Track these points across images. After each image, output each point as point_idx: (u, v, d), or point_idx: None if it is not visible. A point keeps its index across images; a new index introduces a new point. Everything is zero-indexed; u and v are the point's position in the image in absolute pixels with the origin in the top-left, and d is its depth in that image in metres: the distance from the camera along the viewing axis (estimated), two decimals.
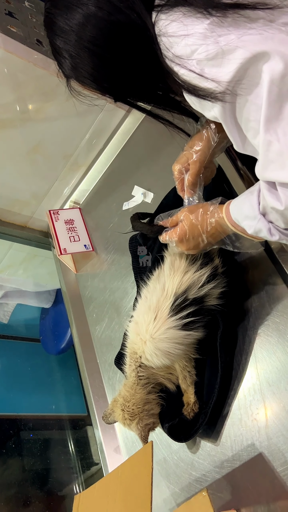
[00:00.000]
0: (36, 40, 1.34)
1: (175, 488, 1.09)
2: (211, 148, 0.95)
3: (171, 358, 1.00)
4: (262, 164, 0.68)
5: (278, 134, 0.63)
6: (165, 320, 0.97)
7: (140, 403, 1.04)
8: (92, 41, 0.74)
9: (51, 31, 0.79)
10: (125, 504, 0.90)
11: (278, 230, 0.76)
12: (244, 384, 1.01)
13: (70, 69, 0.81)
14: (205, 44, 0.65)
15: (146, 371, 1.04)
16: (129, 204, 1.55)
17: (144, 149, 1.60)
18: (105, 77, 0.80)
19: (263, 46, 0.62)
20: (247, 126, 0.68)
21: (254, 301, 1.05)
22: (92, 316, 1.57)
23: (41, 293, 2.53)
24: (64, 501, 2.22)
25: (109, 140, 1.72)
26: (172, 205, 1.30)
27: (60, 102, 1.48)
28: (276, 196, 0.70)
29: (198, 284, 0.99)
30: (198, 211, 0.92)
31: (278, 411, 0.93)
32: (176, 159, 1.01)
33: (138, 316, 1.04)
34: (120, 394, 1.09)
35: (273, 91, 0.62)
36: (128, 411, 1.04)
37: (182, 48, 0.68)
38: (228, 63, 0.64)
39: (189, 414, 1.02)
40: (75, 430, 2.51)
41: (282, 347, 0.97)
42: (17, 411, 2.42)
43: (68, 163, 1.74)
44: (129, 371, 1.06)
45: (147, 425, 1.05)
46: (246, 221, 0.80)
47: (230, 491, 0.97)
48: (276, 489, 0.89)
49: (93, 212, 1.76)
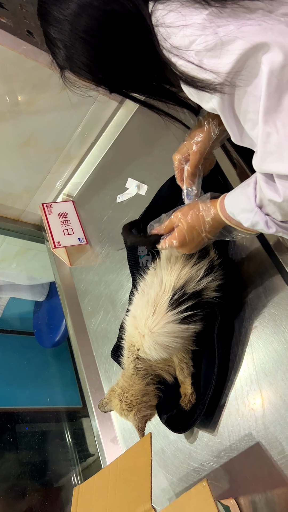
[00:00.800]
0: (26, 31, 1.32)
1: (173, 478, 1.10)
2: (211, 140, 0.95)
3: (169, 352, 1.01)
4: (260, 156, 0.68)
5: (277, 125, 0.63)
6: (164, 315, 0.98)
7: (139, 395, 1.05)
8: (87, 31, 0.73)
9: (45, 21, 0.78)
10: (125, 495, 0.90)
11: (275, 222, 0.76)
12: (241, 375, 1.02)
13: (64, 60, 0.79)
14: (204, 34, 0.64)
15: (144, 363, 1.05)
16: (123, 196, 1.55)
17: (138, 141, 1.60)
18: (100, 68, 0.78)
19: (263, 37, 0.61)
20: (245, 118, 0.68)
21: (250, 292, 1.05)
22: (88, 309, 1.57)
23: (34, 287, 2.52)
24: (61, 492, 2.24)
25: (102, 132, 1.71)
26: (167, 197, 1.30)
27: (52, 94, 1.46)
28: (274, 188, 0.70)
29: (196, 278, 0.99)
30: (192, 212, 0.92)
31: (275, 400, 0.94)
32: (177, 149, 1.01)
33: (136, 310, 1.04)
34: (118, 384, 1.09)
35: (272, 82, 0.61)
36: (126, 402, 1.05)
37: (180, 38, 0.67)
38: (227, 54, 0.63)
39: (186, 405, 1.03)
40: (71, 422, 2.52)
41: (278, 337, 0.98)
42: (13, 404, 2.42)
43: (61, 155, 1.73)
44: (127, 363, 1.07)
45: (144, 416, 1.06)
46: (243, 214, 0.80)
47: (228, 480, 0.98)
48: (274, 478, 0.90)
49: (86, 205, 1.75)
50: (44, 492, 2.15)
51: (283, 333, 0.97)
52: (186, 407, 1.03)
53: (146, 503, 0.83)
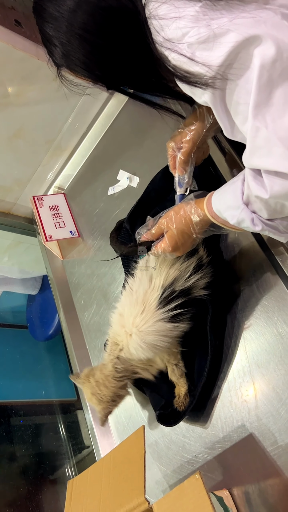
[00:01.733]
0: (14, 21, 1.29)
1: (167, 470, 1.10)
2: (204, 128, 0.94)
3: (156, 351, 1.00)
4: (249, 151, 0.67)
5: (267, 120, 0.62)
6: (154, 313, 0.97)
7: (110, 395, 1.05)
8: (83, 27, 0.72)
9: (40, 18, 0.77)
10: (119, 488, 0.91)
11: (261, 220, 0.75)
12: (233, 367, 1.02)
13: (61, 57, 0.79)
14: (197, 27, 0.63)
15: (124, 364, 1.04)
16: (114, 189, 1.53)
17: (128, 132, 1.58)
18: (97, 65, 0.77)
19: (256, 29, 0.61)
20: (236, 110, 0.67)
21: (243, 285, 1.05)
22: (80, 303, 1.56)
23: (27, 280, 2.50)
24: (56, 485, 2.24)
25: (92, 123, 1.69)
26: (159, 189, 1.30)
27: (41, 86, 1.44)
28: (261, 184, 0.69)
29: (185, 275, 0.99)
30: (179, 216, 0.91)
31: (267, 392, 0.95)
32: (171, 137, 1.00)
33: (123, 308, 1.03)
34: (94, 376, 1.07)
35: (263, 76, 0.60)
36: (96, 397, 1.06)
37: (173, 31, 0.66)
38: (219, 46, 0.62)
39: (180, 407, 1.03)
40: (65, 415, 2.53)
41: (271, 329, 0.98)
42: (7, 398, 2.42)
43: (51, 147, 1.71)
44: (107, 360, 1.06)
45: (109, 412, 1.07)
46: (229, 211, 0.80)
47: (221, 472, 0.99)
48: (267, 468, 0.91)
49: (78, 198, 1.74)
50: (39, 484, 2.16)
51: (275, 324, 0.97)
52: (179, 408, 1.03)
53: (140, 496, 0.83)
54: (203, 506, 0.71)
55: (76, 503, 1.00)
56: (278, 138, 0.62)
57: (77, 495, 1.02)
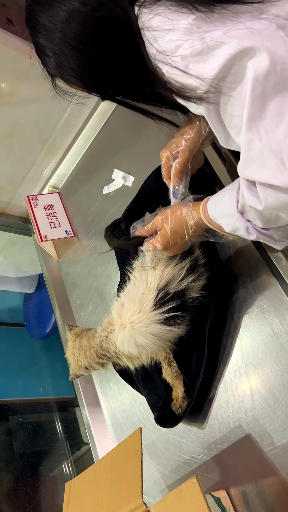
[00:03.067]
0: (6, 19, 1.28)
1: (165, 470, 1.11)
2: (201, 137, 0.93)
3: (141, 351, 1.00)
4: (243, 163, 0.67)
5: (260, 132, 0.62)
6: (149, 313, 0.97)
7: (85, 364, 1.07)
8: (76, 38, 0.71)
9: (33, 29, 0.76)
10: (116, 491, 0.91)
11: (255, 229, 0.75)
12: (230, 367, 1.02)
13: (54, 68, 0.78)
14: (191, 39, 0.63)
15: (110, 345, 1.04)
16: (109, 188, 1.52)
17: (123, 131, 1.57)
18: (91, 75, 0.77)
19: (250, 41, 0.60)
20: (230, 123, 0.67)
21: (239, 285, 1.05)
22: (76, 303, 1.56)
23: (23, 279, 2.50)
24: (56, 482, 2.25)
25: (87, 122, 1.67)
26: (154, 189, 1.29)
27: (34, 85, 1.43)
28: (255, 195, 0.69)
29: (178, 278, 0.99)
30: (175, 216, 0.91)
31: (264, 392, 0.95)
32: (165, 146, 0.99)
33: (124, 299, 1.03)
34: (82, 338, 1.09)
35: (256, 89, 0.60)
36: (74, 357, 1.09)
37: (167, 43, 0.65)
38: (213, 59, 0.62)
39: (177, 410, 1.03)
40: (64, 412, 2.53)
41: (267, 329, 0.98)
42: (4, 396, 2.42)
43: (45, 146, 1.70)
44: (99, 334, 1.06)
45: (80, 374, 1.11)
46: (224, 219, 0.79)
47: (219, 472, 0.99)
48: (264, 469, 0.91)
49: (72, 197, 1.73)
50: (37, 482, 2.16)
51: (271, 325, 0.97)
52: (176, 412, 1.03)
53: (137, 499, 0.83)
54: (200, 510, 0.71)
55: (74, 505, 1.00)
56: (271, 151, 0.62)
57: (75, 497, 1.02)
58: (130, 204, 1.32)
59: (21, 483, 2.08)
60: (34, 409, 2.51)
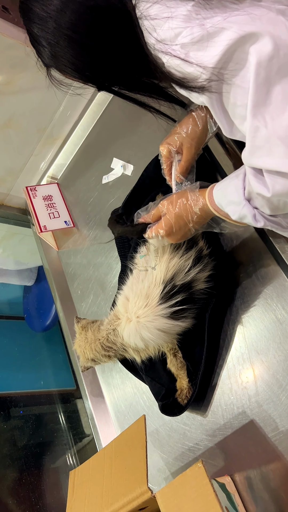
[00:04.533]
0: (1, 6, 1.26)
1: (169, 458, 1.11)
2: (208, 135, 0.93)
3: (147, 344, 1.01)
4: (248, 150, 0.66)
5: (266, 119, 0.61)
6: (155, 308, 0.96)
7: (91, 355, 1.08)
8: (71, 27, 0.70)
9: (27, 19, 0.75)
10: (121, 478, 0.91)
11: (263, 216, 0.74)
12: (233, 354, 1.02)
13: (49, 58, 0.77)
14: (190, 27, 0.62)
15: (117, 338, 1.04)
16: (108, 177, 1.51)
17: (121, 119, 1.56)
18: (87, 65, 0.76)
19: (251, 26, 0.59)
20: (234, 112, 0.66)
21: (241, 272, 1.05)
22: (77, 293, 1.55)
23: (22, 271, 2.49)
24: (58, 474, 2.26)
25: (85, 111, 1.66)
26: (153, 177, 1.28)
27: (31, 73, 1.40)
28: (262, 183, 0.68)
29: (185, 269, 0.98)
30: (180, 201, 0.89)
31: (267, 378, 0.95)
32: (166, 139, 0.97)
33: (129, 293, 1.03)
34: (88, 331, 1.10)
35: (260, 74, 0.59)
36: (81, 350, 1.09)
37: (166, 31, 0.65)
38: (214, 46, 0.61)
39: (183, 401, 1.02)
40: (65, 404, 2.54)
41: (269, 315, 0.97)
42: (6, 389, 2.42)
43: (43, 136, 1.68)
44: (105, 327, 1.06)
45: (90, 367, 1.14)
46: (231, 206, 0.78)
47: (223, 458, 0.99)
48: (268, 454, 0.91)
49: (71, 187, 1.71)
50: (41, 474, 2.17)
51: (274, 311, 0.97)
52: (182, 402, 1.02)
53: (143, 485, 0.83)
54: (206, 494, 0.71)
55: (79, 493, 1.00)
56: (278, 137, 0.61)
57: (79, 485, 1.03)
58: (130, 193, 1.31)
59: (25, 473, 2.09)
60: (36, 402, 2.51)
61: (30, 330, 2.58)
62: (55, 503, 1.92)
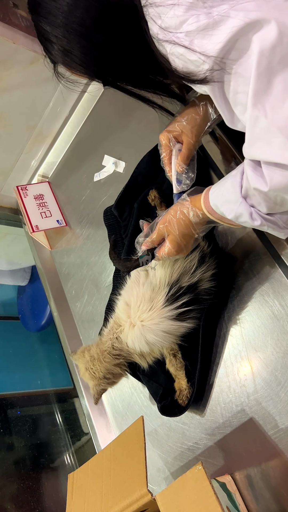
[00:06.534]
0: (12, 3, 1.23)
1: (168, 457, 1.10)
2: (208, 122, 0.91)
3: (152, 347, 0.99)
4: (248, 141, 0.65)
5: (266, 109, 0.60)
6: (160, 310, 0.95)
7: (103, 371, 1.04)
8: (79, 22, 0.71)
9: (36, 14, 0.75)
10: (121, 480, 0.90)
11: (260, 215, 0.73)
12: (230, 351, 1.01)
13: (57, 54, 0.77)
14: (196, 14, 0.62)
15: (121, 344, 1.02)
16: (100, 175, 1.49)
17: (112, 115, 1.53)
18: (95, 61, 0.76)
19: (257, 13, 0.59)
20: (235, 100, 0.65)
21: (237, 269, 1.03)
22: (71, 293, 1.53)
23: (15, 271, 2.47)
24: (56, 474, 2.25)
25: (74, 107, 1.63)
26: (146, 173, 1.26)
27: (19, 70, 1.38)
28: (260, 176, 0.67)
29: (190, 270, 0.97)
30: (177, 219, 0.87)
31: (266, 375, 0.94)
32: (166, 128, 0.95)
33: (129, 298, 1.01)
34: (89, 351, 1.07)
35: (262, 63, 0.58)
36: (90, 372, 1.04)
37: (171, 18, 0.64)
38: (218, 33, 0.60)
39: (184, 402, 1.01)
40: (63, 403, 2.53)
41: (266, 312, 0.96)
42: (2, 390, 2.40)
43: (33, 134, 1.65)
44: (107, 337, 1.05)
45: (103, 390, 1.06)
46: (227, 205, 0.77)
47: (223, 457, 0.98)
48: (268, 452, 0.90)
49: (63, 185, 1.69)
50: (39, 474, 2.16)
51: (271, 307, 0.96)
52: (183, 403, 1.01)
53: (142, 487, 0.82)
54: (207, 496, 0.70)
55: (78, 496, 0.99)
56: (277, 128, 0.60)
57: (78, 488, 1.01)
58: (122, 190, 1.29)
59: (23, 475, 2.08)
60: (33, 402, 2.50)
61: (25, 330, 2.56)
62: (54, 506, 1.91)
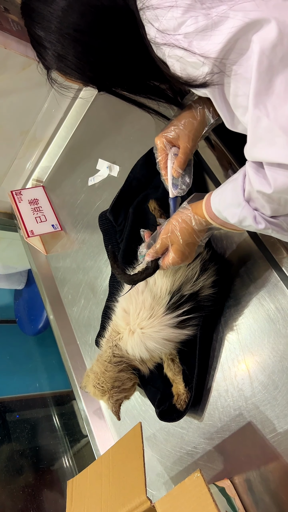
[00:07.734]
0: None
1: (167, 462, 1.10)
2: (205, 127, 0.90)
3: (152, 354, 0.99)
4: (250, 142, 0.64)
5: (268, 109, 0.59)
6: (161, 318, 0.95)
7: (110, 381, 1.03)
8: (74, 27, 0.69)
9: (29, 19, 0.74)
10: (119, 487, 0.90)
11: (264, 218, 0.71)
12: (227, 355, 1.01)
13: (51, 59, 0.75)
14: (194, 16, 0.61)
15: (122, 351, 1.02)
16: (94, 179, 1.49)
17: (105, 119, 1.53)
18: (90, 66, 0.74)
19: (256, 13, 0.58)
20: (235, 102, 0.64)
21: (233, 273, 1.03)
22: (68, 298, 1.53)
23: (12, 275, 2.46)
24: (56, 476, 2.25)
25: (67, 111, 1.63)
26: (140, 177, 1.26)
27: (11, 75, 1.38)
28: (264, 178, 0.65)
29: (193, 278, 0.96)
30: (179, 228, 0.86)
31: (263, 379, 0.94)
32: (162, 131, 0.94)
33: (128, 306, 1.01)
34: (92, 369, 1.07)
35: (263, 63, 0.57)
36: (98, 388, 1.03)
37: (169, 20, 0.63)
38: (218, 34, 0.59)
39: (182, 407, 1.01)
40: (61, 406, 2.52)
41: (263, 316, 0.96)
42: (0, 394, 2.40)
43: (26, 139, 1.65)
44: (106, 346, 1.05)
45: (117, 400, 1.04)
46: (229, 209, 0.75)
47: (221, 461, 0.98)
48: (267, 456, 0.90)
49: (57, 190, 1.69)
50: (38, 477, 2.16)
51: (267, 311, 0.96)
52: (181, 408, 1.01)
53: (141, 494, 0.82)
54: (206, 504, 0.70)
55: (77, 504, 0.99)
56: (280, 128, 0.59)
57: (77, 495, 1.01)
58: (117, 195, 1.29)
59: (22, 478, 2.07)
60: (31, 405, 2.49)
61: (23, 334, 2.56)
62: None
